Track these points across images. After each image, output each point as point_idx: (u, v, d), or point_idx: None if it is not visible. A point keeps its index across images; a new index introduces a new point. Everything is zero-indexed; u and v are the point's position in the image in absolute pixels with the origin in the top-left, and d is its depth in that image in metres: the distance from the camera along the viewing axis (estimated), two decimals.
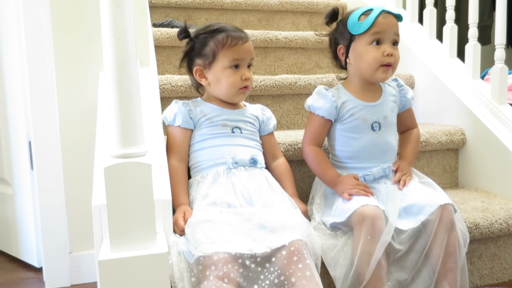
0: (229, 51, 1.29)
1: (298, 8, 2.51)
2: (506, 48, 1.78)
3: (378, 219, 1.17)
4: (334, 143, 1.39)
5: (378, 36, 1.31)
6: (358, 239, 1.17)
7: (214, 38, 1.31)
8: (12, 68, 1.66)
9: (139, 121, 0.98)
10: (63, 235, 1.53)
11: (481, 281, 1.43)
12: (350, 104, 1.35)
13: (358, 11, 1.34)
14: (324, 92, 1.36)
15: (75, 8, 1.50)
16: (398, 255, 1.21)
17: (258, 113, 1.42)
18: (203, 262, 1.03)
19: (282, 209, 1.19)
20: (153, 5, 2.23)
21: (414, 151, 1.43)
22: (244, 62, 1.32)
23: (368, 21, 1.30)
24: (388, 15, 1.33)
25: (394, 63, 1.33)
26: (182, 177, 1.29)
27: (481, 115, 1.71)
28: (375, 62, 1.31)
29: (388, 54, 1.31)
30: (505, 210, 1.46)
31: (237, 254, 1.04)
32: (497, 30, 1.70)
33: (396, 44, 1.35)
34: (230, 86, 1.31)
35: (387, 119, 1.36)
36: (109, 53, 0.95)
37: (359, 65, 1.34)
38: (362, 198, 1.23)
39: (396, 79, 1.45)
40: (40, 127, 1.50)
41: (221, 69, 1.30)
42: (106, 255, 0.95)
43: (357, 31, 1.32)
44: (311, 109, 1.38)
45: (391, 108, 1.39)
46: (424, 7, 2.05)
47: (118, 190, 0.95)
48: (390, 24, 1.32)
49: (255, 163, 1.30)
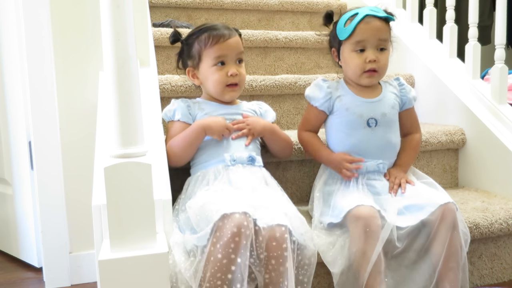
0: (211, 50, 1.32)
1: (298, 8, 2.51)
2: (506, 48, 1.78)
3: (372, 219, 1.17)
4: (329, 137, 1.40)
5: (360, 44, 1.31)
6: (353, 240, 1.18)
7: (198, 39, 1.35)
8: (12, 68, 1.66)
9: (139, 121, 0.98)
10: (63, 235, 1.53)
11: (481, 281, 1.43)
12: (346, 98, 1.35)
13: (346, 16, 1.34)
14: (320, 83, 1.38)
15: (75, 8, 1.50)
16: (396, 252, 1.21)
17: (254, 107, 1.44)
18: (221, 221, 1.06)
19: (277, 202, 1.21)
20: (153, 5, 2.23)
21: (411, 158, 1.40)
22: (229, 58, 1.33)
23: (350, 27, 1.31)
24: (372, 19, 1.30)
25: (379, 68, 1.32)
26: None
27: (481, 115, 1.71)
28: (358, 69, 1.32)
29: (371, 60, 1.30)
30: (505, 210, 1.46)
31: (246, 214, 1.07)
32: (497, 30, 1.70)
33: (384, 49, 1.33)
34: (216, 84, 1.33)
35: (386, 116, 1.35)
36: (109, 53, 0.95)
37: (346, 70, 1.37)
38: (357, 197, 1.24)
39: (398, 79, 1.44)
40: (40, 127, 1.50)
41: (207, 68, 1.33)
42: (106, 255, 0.95)
43: (342, 36, 1.34)
44: (307, 99, 1.41)
45: (391, 105, 1.37)
46: (424, 7, 2.05)
47: (118, 190, 0.95)
48: (373, 30, 1.30)
49: (253, 161, 1.30)
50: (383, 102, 1.36)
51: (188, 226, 1.16)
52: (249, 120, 1.35)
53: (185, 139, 1.28)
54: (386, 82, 1.42)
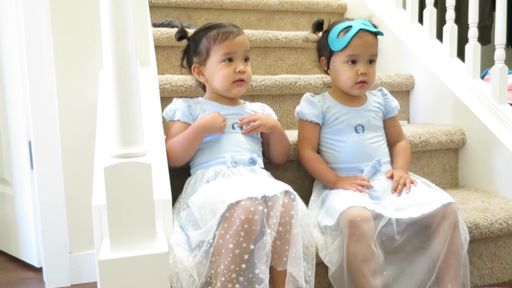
0: (220, 46, 1.32)
1: (298, 8, 2.51)
2: (506, 48, 1.78)
3: (363, 220, 1.18)
4: (323, 148, 1.43)
5: (353, 58, 1.37)
6: (345, 241, 1.18)
7: (206, 35, 1.35)
8: (12, 68, 1.66)
9: (139, 121, 0.98)
10: (63, 235, 1.53)
11: (481, 281, 1.43)
12: (334, 109, 1.42)
13: (339, 27, 1.39)
14: (311, 99, 1.44)
15: (75, 8, 1.50)
16: (395, 245, 1.23)
17: (258, 109, 1.44)
18: (228, 211, 1.06)
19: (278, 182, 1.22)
20: (153, 5, 2.23)
21: (406, 161, 1.44)
22: (238, 55, 1.34)
23: (344, 40, 1.36)
24: (365, 34, 1.37)
25: (369, 80, 1.39)
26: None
27: (481, 115, 1.71)
28: (350, 80, 1.38)
29: (362, 73, 1.37)
30: (505, 210, 1.46)
31: (252, 198, 1.07)
32: (497, 30, 1.70)
33: (373, 62, 1.39)
34: (224, 79, 1.33)
35: (371, 123, 1.42)
36: (109, 53, 0.95)
37: (337, 79, 1.43)
38: (351, 199, 1.24)
39: (381, 89, 1.52)
40: (40, 127, 1.50)
41: (215, 64, 1.33)
42: (106, 255, 0.95)
43: (335, 47, 1.39)
44: (300, 116, 1.44)
45: (375, 112, 1.45)
46: (424, 7, 2.05)
47: (118, 190, 0.95)
48: (366, 45, 1.37)
49: (254, 163, 1.30)
50: (368, 110, 1.44)
51: (190, 222, 1.16)
52: (261, 116, 1.36)
53: (186, 139, 1.28)
54: (370, 93, 1.49)
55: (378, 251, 1.19)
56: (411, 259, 1.25)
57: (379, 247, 1.19)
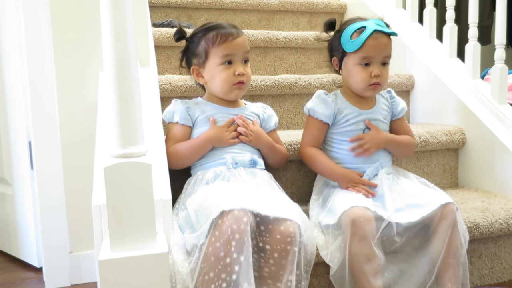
0: (219, 48, 1.31)
1: (298, 8, 2.51)
2: (506, 48, 1.78)
3: (366, 221, 1.18)
4: (327, 146, 1.42)
5: (366, 60, 1.34)
6: (347, 240, 1.18)
7: (205, 37, 1.33)
8: (12, 68, 1.66)
9: (139, 121, 0.98)
10: (63, 235, 1.53)
11: (481, 281, 1.43)
12: (346, 111, 1.39)
13: (352, 27, 1.35)
14: (324, 97, 1.40)
15: (75, 8, 1.50)
16: (395, 247, 1.23)
17: (258, 111, 1.43)
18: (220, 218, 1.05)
19: (281, 201, 1.20)
20: (153, 5, 2.23)
21: (400, 139, 1.42)
22: (237, 57, 1.32)
23: (359, 41, 1.33)
24: (380, 35, 1.33)
25: (382, 81, 1.37)
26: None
27: (481, 115, 1.71)
28: (363, 82, 1.36)
29: (375, 75, 1.34)
30: (505, 210, 1.46)
31: (246, 211, 1.06)
32: (497, 30, 1.70)
33: (386, 64, 1.37)
34: (223, 82, 1.32)
35: (379, 126, 1.41)
36: (109, 53, 0.95)
37: (349, 81, 1.40)
38: (353, 199, 1.24)
39: (389, 91, 1.50)
40: (40, 127, 1.50)
41: (214, 66, 1.32)
42: (106, 255, 0.95)
43: (348, 49, 1.35)
44: (311, 113, 1.40)
45: (383, 116, 1.43)
46: (424, 7, 2.05)
47: (118, 190, 0.95)
48: (380, 47, 1.33)
49: (254, 164, 1.30)
50: (377, 113, 1.42)
51: (188, 224, 1.16)
52: (254, 129, 1.34)
53: (192, 148, 1.29)
54: (379, 94, 1.47)
55: (379, 252, 1.19)
56: (411, 260, 1.25)
57: (379, 248, 1.19)
